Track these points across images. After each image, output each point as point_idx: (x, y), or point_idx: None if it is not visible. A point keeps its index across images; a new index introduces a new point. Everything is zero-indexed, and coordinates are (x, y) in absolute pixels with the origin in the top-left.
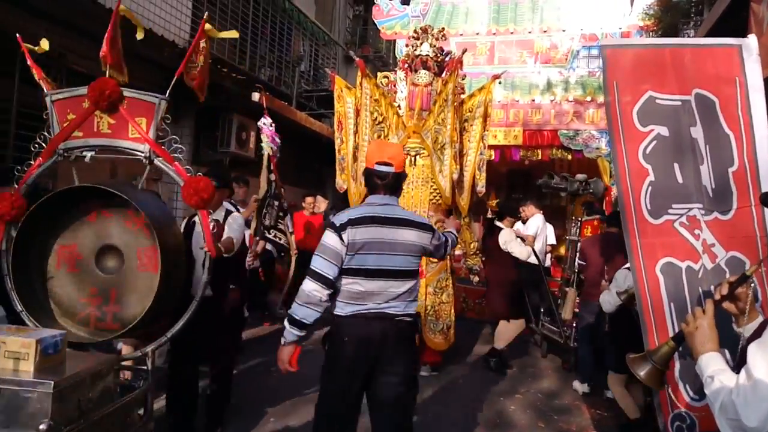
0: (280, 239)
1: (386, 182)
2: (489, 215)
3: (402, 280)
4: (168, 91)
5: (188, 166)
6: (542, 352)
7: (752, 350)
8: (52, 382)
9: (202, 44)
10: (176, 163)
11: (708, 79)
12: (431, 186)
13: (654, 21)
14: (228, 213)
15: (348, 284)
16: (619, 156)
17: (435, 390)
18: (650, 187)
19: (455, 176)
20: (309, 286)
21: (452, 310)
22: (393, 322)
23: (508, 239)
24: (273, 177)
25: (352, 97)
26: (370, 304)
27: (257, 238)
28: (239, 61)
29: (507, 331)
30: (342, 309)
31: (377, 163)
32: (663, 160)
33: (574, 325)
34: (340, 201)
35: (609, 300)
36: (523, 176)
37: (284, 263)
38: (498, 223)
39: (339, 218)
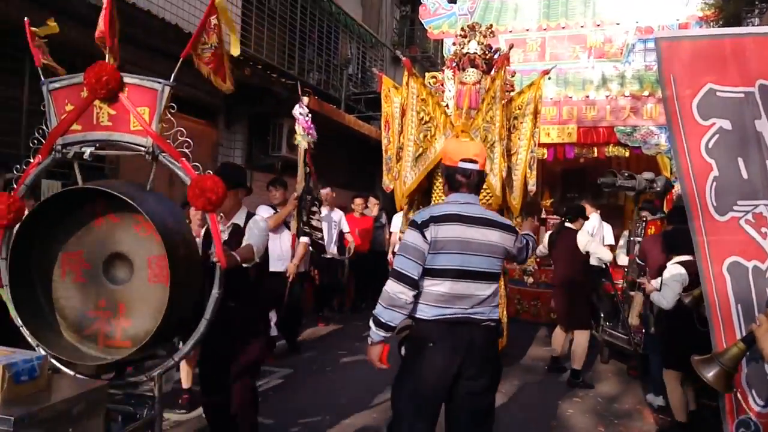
0: (317, 236)
1: (470, 180)
2: (542, 215)
3: (487, 282)
4: (172, 76)
5: (197, 163)
6: (603, 358)
7: None
8: (12, 418)
9: (213, 21)
10: (183, 159)
11: None
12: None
13: (715, 11)
14: (249, 216)
15: (431, 286)
16: (680, 152)
17: None
18: (715, 183)
19: (505, 174)
20: (394, 287)
21: (504, 312)
22: (479, 327)
23: (587, 240)
24: (308, 170)
25: (399, 96)
26: (455, 308)
27: (299, 238)
28: (288, 66)
29: (581, 348)
30: (425, 312)
31: (462, 161)
32: (726, 155)
33: (643, 330)
34: (389, 202)
35: (665, 297)
36: (578, 175)
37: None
38: (569, 225)
39: (421, 215)
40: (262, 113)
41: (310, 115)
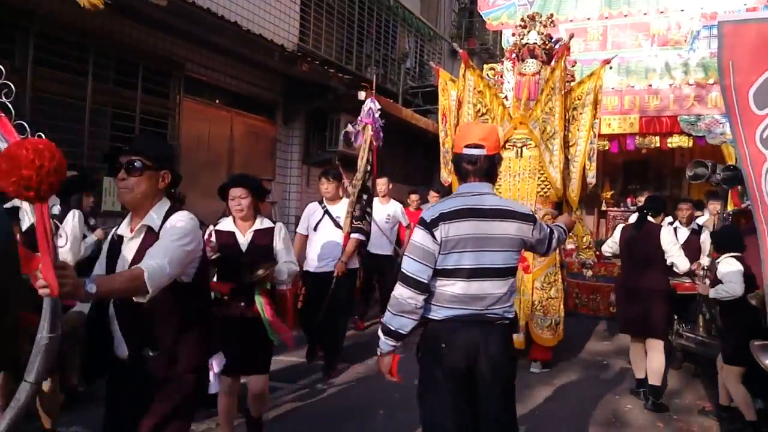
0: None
1: (477, 167)
2: (602, 208)
3: (503, 279)
4: None
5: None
6: (675, 364)
7: None
8: None
9: None
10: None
11: None
12: (538, 178)
13: None
14: (171, 214)
15: (443, 286)
16: (739, 141)
17: (546, 387)
18: None
19: (563, 167)
20: (402, 292)
21: (561, 306)
22: (494, 326)
23: (672, 242)
24: (370, 167)
25: (455, 89)
26: (470, 308)
27: (353, 234)
28: (346, 61)
29: (660, 362)
30: (436, 312)
31: (466, 147)
32: None
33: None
34: (447, 195)
35: (735, 286)
36: (640, 166)
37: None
38: (651, 219)
39: (429, 213)
40: (319, 109)
41: (380, 110)
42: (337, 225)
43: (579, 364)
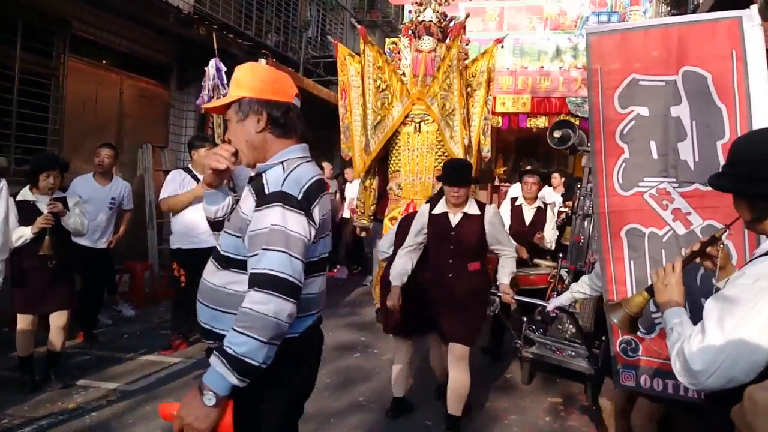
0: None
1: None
2: (496, 183)
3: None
4: None
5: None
6: (524, 379)
7: (709, 304)
8: None
9: None
10: None
11: (700, 56)
12: (436, 153)
13: None
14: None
15: (304, 288)
16: (597, 136)
17: None
18: (624, 164)
19: (466, 142)
20: (280, 306)
21: None
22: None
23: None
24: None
25: (355, 64)
26: (319, 311)
27: None
28: (245, 26)
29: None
30: (295, 327)
31: (296, 96)
32: (639, 138)
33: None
34: (346, 168)
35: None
36: (531, 143)
37: None
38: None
39: (293, 186)
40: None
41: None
42: None
43: None
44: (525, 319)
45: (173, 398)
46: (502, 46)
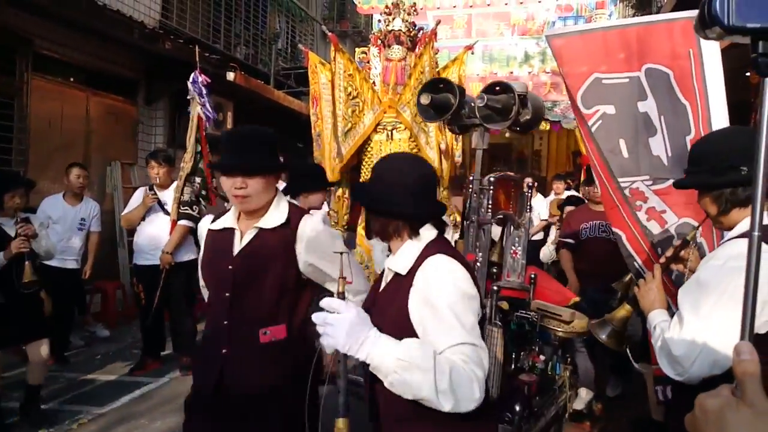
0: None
1: None
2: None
3: None
4: None
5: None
6: None
7: (680, 294)
8: None
9: None
10: None
11: (660, 54)
12: None
13: None
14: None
15: None
16: (583, 134)
17: None
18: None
19: (442, 146)
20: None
21: None
22: None
23: None
24: (200, 147)
25: (326, 72)
26: None
27: (180, 221)
28: (213, 39)
29: None
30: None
31: None
32: (608, 137)
33: None
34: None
35: None
36: (504, 148)
37: None
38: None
39: None
40: (185, 90)
41: (209, 83)
42: (167, 213)
43: None
44: None
45: (145, 419)
46: (473, 53)
